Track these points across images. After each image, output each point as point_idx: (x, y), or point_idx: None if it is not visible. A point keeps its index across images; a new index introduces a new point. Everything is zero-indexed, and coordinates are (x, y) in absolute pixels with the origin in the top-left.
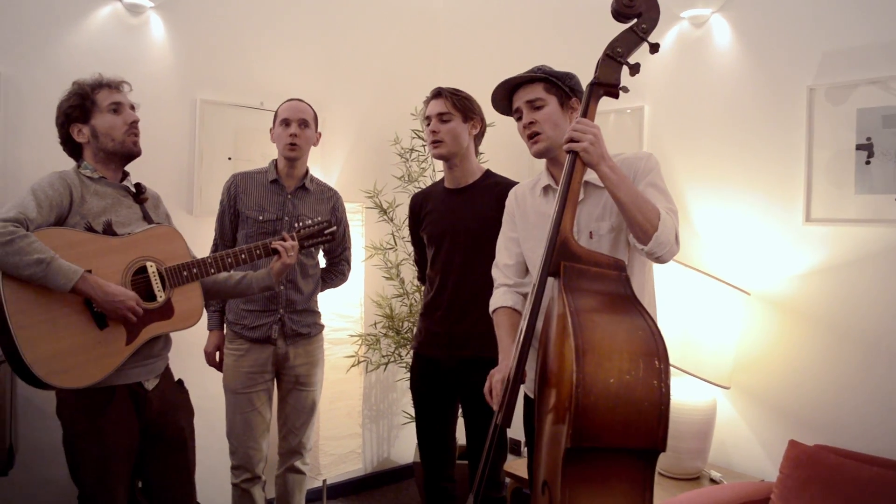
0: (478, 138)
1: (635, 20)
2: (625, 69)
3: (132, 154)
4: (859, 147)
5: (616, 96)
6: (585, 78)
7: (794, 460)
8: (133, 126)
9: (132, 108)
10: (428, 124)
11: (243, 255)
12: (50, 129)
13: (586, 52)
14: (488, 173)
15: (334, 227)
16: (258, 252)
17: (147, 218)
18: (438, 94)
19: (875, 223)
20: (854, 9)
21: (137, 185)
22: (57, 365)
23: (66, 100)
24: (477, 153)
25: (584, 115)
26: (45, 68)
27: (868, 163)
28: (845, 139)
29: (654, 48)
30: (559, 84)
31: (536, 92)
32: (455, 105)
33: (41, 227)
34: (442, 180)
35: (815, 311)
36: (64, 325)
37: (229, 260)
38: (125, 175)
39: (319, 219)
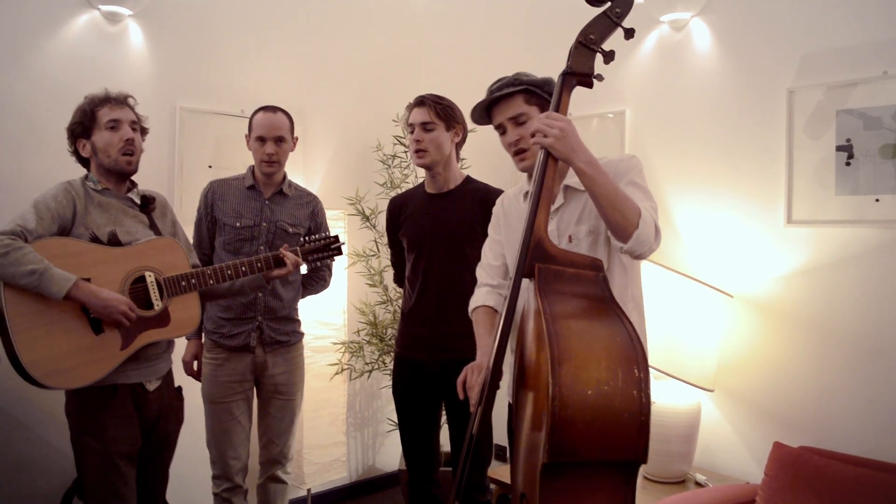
0: (459, 145)
1: (609, 4)
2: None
3: (125, 172)
4: (839, 148)
5: (590, 86)
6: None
7: (779, 462)
8: (127, 143)
9: (134, 123)
10: (411, 132)
11: (244, 268)
12: (29, 139)
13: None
14: (469, 179)
15: (342, 243)
16: (259, 265)
17: (154, 227)
18: (421, 102)
19: (856, 224)
20: (833, 11)
21: (143, 198)
22: (52, 367)
23: (73, 116)
24: (458, 159)
25: (557, 107)
26: (22, 78)
27: (848, 164)
28: (825, 141)
29: (629, 34)
30: (538, 92)
31: (517, 107)
32: (438, 114)
33: (43, 236)
34: (422, 184)
35: (798, 313)
36: (61, 329)
37: (229, 272)
38: (132, 186)
39: (326, 234)
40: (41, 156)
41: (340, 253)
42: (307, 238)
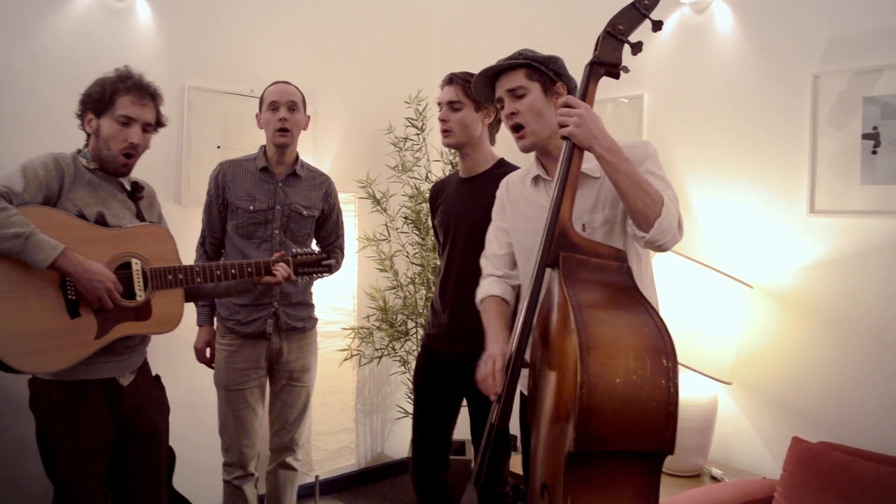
0: (493, 126)
1: None
2: (626, 49)
3: (118, 173)
4: (865, 136)
5: (617, 76)
6: (581, 62)
7: (798, 458)
8: (130, 146)
9: (148, 125)
10: (440, 110)
11: (234, 271)
12: (33, 118)
13: (584, 37)
14: (501, 162)
15: (332, 261)
16: (250, 270)
17: (140, 216)
18: (451, 80)
19: (881, 214)
20: None
21: (134, 184)
22: (20, 346)
23: (94, 84)
24: (493, 141)
25: (584, 97)
26: (27, 55)
27: (874, 152)
28: (851, 128)
29: (657, 26)
30: (542, 69)
31: (517, 80)
32: (467, 93)
33: (29, 204)
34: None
35: (820, 305)
36: (35, 307)
37: (218, 272)
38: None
39: (318, 250)
40: (45, 136)
41: (329, 270)
42: (299, 251)
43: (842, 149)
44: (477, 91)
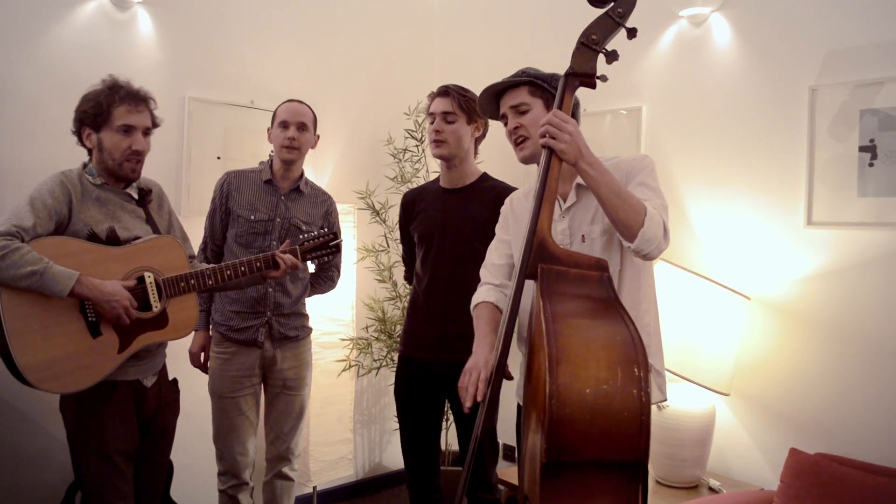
0: (479, 140)
1: (611, 4)
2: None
3: (128, 179)
4: (862, 149)
5: (593, 86)
6: None
7: (795, 469)
8: (135, 153)
9: (147, 130)
10: (432, 122)
11: (243, 268)
12: (34, 129)
13: None
14: (485, 176)
15: (340, 240)
16: (258, 265)
17: (150, 220)
18: (445, 92)
19: (878, 227)
20: (858, 7)
21: (140, 191)
22: (48, 372)
23: (86, 100)
24: (476, 155)
25: (560, 108)
26: (28, 64)
27: (871, 165)
28: (848, 141)
29: (632, 33)
30: (545, 86)
31: (521, 96)
32: (461, 106)
33: (41, 235)
34: (437, 179)
35: (817, 316)
36: (58, 333)
37: (228, 272)
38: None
39: (325, 230)
40: (46, 145)
41: (339, 251)
42: (305, 237)
43: (839, 161)
44: (482, 107)
